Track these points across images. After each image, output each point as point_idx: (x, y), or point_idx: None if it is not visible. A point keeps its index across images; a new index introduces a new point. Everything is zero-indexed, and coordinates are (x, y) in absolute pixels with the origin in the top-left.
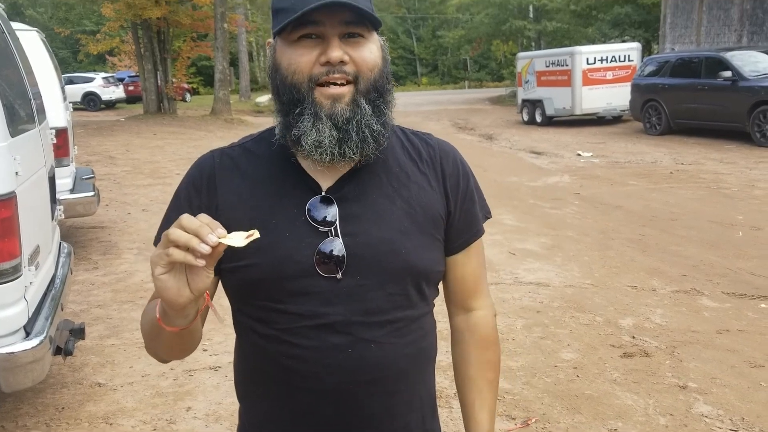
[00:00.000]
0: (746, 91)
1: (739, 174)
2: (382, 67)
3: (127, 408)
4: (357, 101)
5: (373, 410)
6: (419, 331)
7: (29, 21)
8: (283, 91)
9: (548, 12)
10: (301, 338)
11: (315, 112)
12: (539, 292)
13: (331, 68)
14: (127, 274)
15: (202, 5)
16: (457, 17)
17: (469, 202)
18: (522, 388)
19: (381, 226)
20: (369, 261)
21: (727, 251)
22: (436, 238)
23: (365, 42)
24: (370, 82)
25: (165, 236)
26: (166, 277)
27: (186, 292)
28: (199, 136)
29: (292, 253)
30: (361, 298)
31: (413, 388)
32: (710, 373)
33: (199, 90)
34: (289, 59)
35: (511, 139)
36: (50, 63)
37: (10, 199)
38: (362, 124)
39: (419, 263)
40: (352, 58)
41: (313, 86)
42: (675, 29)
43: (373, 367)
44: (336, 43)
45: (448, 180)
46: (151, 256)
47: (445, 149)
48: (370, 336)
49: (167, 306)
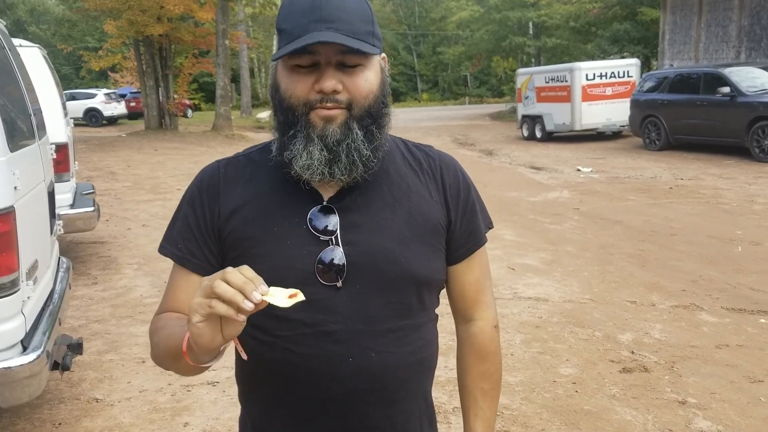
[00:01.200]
0: (745, 106)
1: (738, 189)
2: (379, 92)
3: (124, 424)
4: (349, 125)
5: (373, 419)
6: (420, 340)
7: (32, 38)
8: (281, 111)
9: (548, 28)
10: (302, 346)
11: (307, 134)
12: (538, 307)
13: (325, 96)
14: (127, 290)
15: (203, 22)
16: (458, 34)
17: (470, 213)
18: (521, 403)
19: (381, 235)
20: (369, 270)
21: (726, 266)
22: (437, 247)
23: (362, 69)
24: (364, 109)
25: (209, 288)
26: (203, 325)
27: (219, 339)
28: (200, 152)
29: (293, 262)
30: (361, 306)
31: (413, 397)
32: (709, 389)
33: (200, 106)
34: (286, 84)
35: (511, 155)
36: (51, 79)
37: (8, 213)
38: (352, 148)
39: (419, 272)
40: (346, 86)
41: (308, 110)
42: (674, 45)
43: (373, 376)
44: (330, 73)
45: (449, 190)
46: (193, 302)
47: (445, 160)
48: (371, 344)
49: (199, 349)
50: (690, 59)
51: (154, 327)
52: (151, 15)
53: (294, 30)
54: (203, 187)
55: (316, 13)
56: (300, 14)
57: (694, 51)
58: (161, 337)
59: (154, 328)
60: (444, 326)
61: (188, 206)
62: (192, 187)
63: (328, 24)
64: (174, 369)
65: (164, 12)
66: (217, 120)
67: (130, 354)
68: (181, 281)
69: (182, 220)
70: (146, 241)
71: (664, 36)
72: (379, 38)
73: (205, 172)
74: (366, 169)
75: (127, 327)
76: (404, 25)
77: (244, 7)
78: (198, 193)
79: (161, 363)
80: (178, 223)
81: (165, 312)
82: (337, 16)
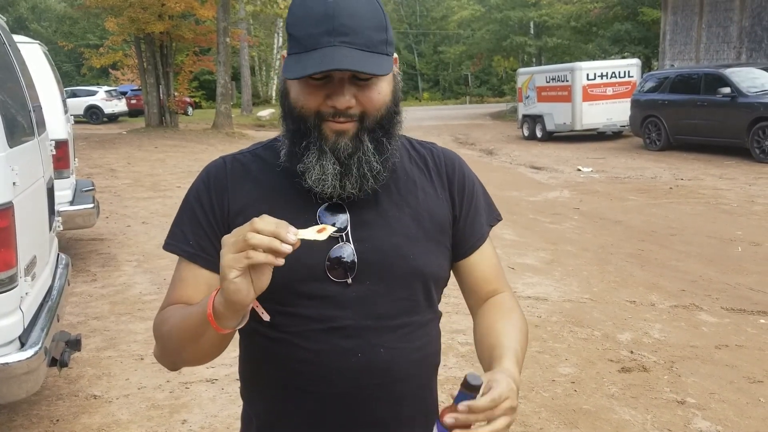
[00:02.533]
0: (745, 107)
1: (738, 190)
2: (391, 101)
3: (122, 420)
4: (360, 137)
5: (381, 414)
6: (426, 337)
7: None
8: (291, 119)
9: (549, 28)
10: (312, 342)
11: (320, 147)
12: (538, 306)
13: (338, 111)
14: (126, 287)
15: (204, 20)
16: (459, 33)
17: (474, 206)
18: (519, 402)
19: (390, 232)
20: (379, 266)
21: (726, 266)
22: (443, 244)
23: (376, 81)
24: (376, 120)
25: (241, 242)
26: (240, 280)
27: (252, 293)
28: (201, 150)
29: (304, 258)
30: (370, 302)
31: (419, 393)
32: (709, 389)
33: (201, 104)
34: (297, 93)
35: (512, 154)
36: (52, 76)
37: (7, 209)
38: (363, 161)
39: (426, 268)
40: (359, 100)
41: (319, 122)
42: (674, 46)
43: (382, 371)
44: (344, 88)
45: (453, 186)
46: (226, 259)
47: (449, 157)
48: (380, 340)
49: (232, 307)
50: (691, 60)
51: (160, 319)
52: (152, 12)
53: (305, 40)
54: (210, 183)
55: (329, 24)
56: (312, 22)
57: (695, 51)
58: (173, 323)
59: (160, 320)
60: (443, 325)
61: (196, 202)
62: (198, 182)
63: (342, 37)
64: (188, 355)
65: (165, 9)
66: (217, 118)
67: (128, 351)
68: (190, 277)
69: (190, 216)
70: (146, 238)
71: (665, 36)
72: (392, 44)
73: (211, 168)
74: (376, 183)
75: (125, 324)
76: (405, 24)
77: (245, 5)
78: (205, 189)
79: (172, 353)
80: (185, 220)
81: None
82: (351, 26)
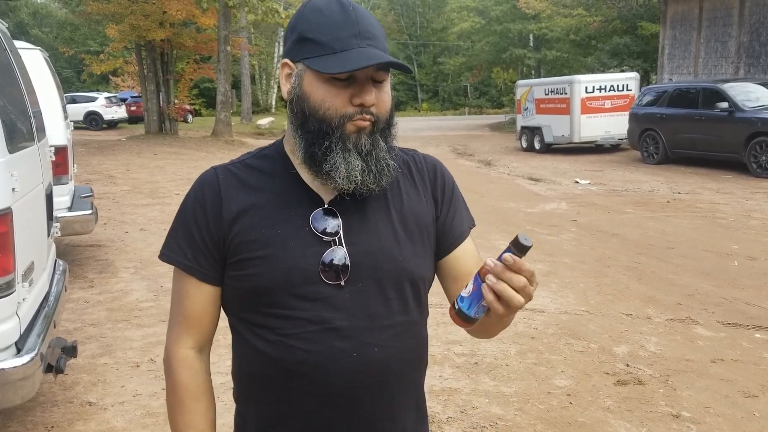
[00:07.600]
0: (743, 122)
1: (735, 204)
2: (392, 104)
3: (117, 428)
4: (375, 136)
5: (376, 412)
6: (417, 336)
7: (35, 40)
8: (312, 121)
9: (548, 41)
10: (307, 343)
11: (344, 145)
12: (534, 318)
13: (364, 109)
14: (123, 293)
15: (205, 28)
16: (458, 44)
17: (455, 206)
18: (515, 414)
19: (380, 235)
20: (370, 268)
21: (722, 280)
22: (428, 246)
23: (385, 84)
24: (385, 121)
25: None
26: None
27: None
28: (200, 157)
29: (299, 262)
30: (363, 303)
31: (411, 391)
32: (704, 403)
33: (201, 111)
34: (323, 96)
35: (510, 166)
36: (52, 81)
37: (5, 214)
38: (380, 157)
39: (414, 269)
40: (377, 101)
41: (344, 122)
42: (673, 60)
43: (376, 371)
44: (370, 88)
45: (435, 187)
46: None
47: (430, 161)
48: (374, 340)
49: None
50: (689, 74)
51: (170, 371)
52: (153, 20)
53: (332, 42)
54: (204, 194)
55: (355, 28)
56: (336, 27)
57: (693, 66)
58: (169, 403)
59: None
60: (439, 336)
61: (191, 214)
62: (191, 194)
63: (369, 41)
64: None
65: (166, 17)
66: (217, 126)
67: (124, 358)
68: (192, 290)
69: (185, 228)
70: (144, 245)
71: (663, 50)
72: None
73: (204, 179)
74: (390, 178)
75: (122, 331)
76: (405, 35)
77: (246, 14)
78: (199, 203)
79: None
80: (181, 232)
81: (185, 330)
82: (372, 32)
